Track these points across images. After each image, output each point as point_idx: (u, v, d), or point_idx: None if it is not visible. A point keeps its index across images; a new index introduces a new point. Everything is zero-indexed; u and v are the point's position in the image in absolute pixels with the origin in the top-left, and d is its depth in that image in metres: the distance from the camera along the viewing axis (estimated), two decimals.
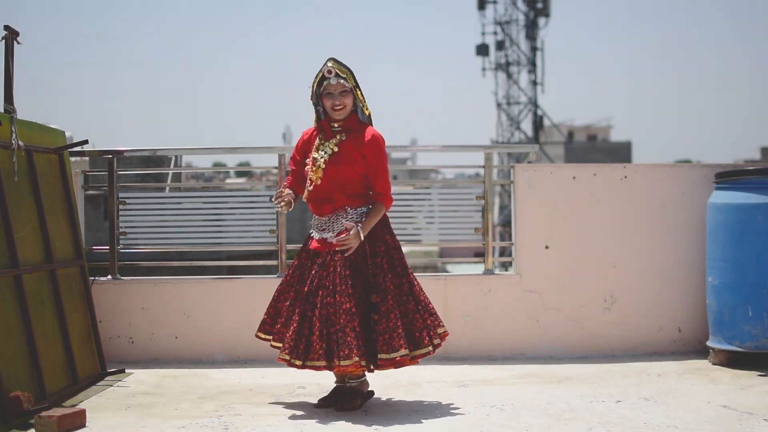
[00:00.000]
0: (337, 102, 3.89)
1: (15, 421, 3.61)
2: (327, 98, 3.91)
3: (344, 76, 3.89)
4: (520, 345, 5.27)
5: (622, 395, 4.17)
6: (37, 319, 4.11)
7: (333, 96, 3.89)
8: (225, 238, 5.56)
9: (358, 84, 3.96)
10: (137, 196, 5.63)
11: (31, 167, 4.36)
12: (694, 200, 5.31)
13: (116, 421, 3.76)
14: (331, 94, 3.90)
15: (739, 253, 4.78)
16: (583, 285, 5.32)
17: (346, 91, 3.90)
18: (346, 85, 3.90)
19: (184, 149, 6.52)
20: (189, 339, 5.24)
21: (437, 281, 5.27)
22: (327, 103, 3.92)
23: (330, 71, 3.89)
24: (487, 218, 5.44)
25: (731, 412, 3.83)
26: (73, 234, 4.75)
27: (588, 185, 5.36)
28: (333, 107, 3.91)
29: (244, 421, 3.75)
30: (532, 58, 31.98)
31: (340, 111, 3.91)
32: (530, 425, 3.63)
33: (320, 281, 3.82)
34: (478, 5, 32.36)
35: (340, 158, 3.89)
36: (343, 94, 3.90)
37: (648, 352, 5.29)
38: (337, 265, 3.81)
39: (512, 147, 12.82)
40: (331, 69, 3.89)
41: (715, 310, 4.91)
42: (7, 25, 4.31)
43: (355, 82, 3.94)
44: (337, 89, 3.89)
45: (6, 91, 4.30)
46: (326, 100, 3.92)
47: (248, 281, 5.33)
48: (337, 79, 3.88)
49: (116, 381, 4.60)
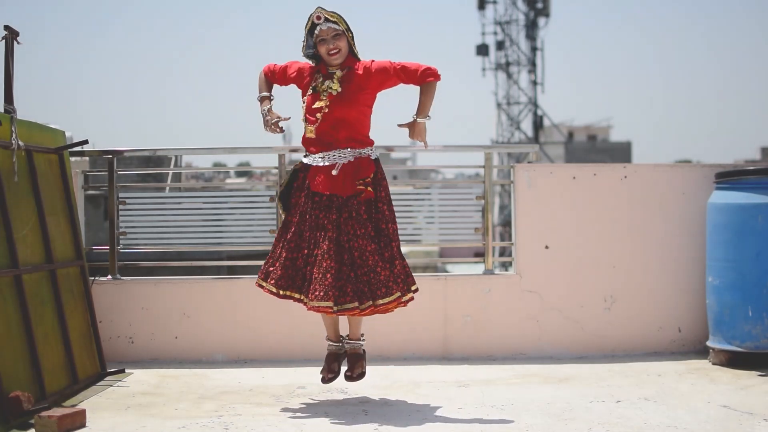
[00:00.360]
0: (332, 46, 3.85)
1: (15, 421, 3.61)
2: (321, 45, 3.86)
3: (334, 20, 3.86)
4: (520, 345, 5.27)
5: (622, 395, 4.17)
6: (37, 319, 4.11)
7: (326, 41, 3.86)
8: (225, 238, 5.56)
9: (349, 27, 3.92)
10: (137, 196, 5.63)
11: (31, 167, 4.36)
12: (694, 200, 5.30)
13: (116, 421, 3.76)
14: (324, 39, 3.86)
15: (739, 253, 4.78)
16: (583, 285, 5.32)
17: (338, 34, 3.86)
18: (337, 29, 3.86)
19: (184, 149, 6.52)
20: (189, 339, 5.24)
21: (437, 281, 5.27)
22: (322, 50, 3.86)
23: (319, 17, 3.85)
24: (487, 218, 5.44)
25: (731, 412, 3.83)
26: (73, 234, 4.75)
27: (588, 185, 5.36)
28: (328, 52, 3.86)
29: (244, 421, 3.75)
30: (532, 58, 31.96)
31: (335, 55, 3.87)
32: (530, 425, 3.63)
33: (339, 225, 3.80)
34: (478, 5, 32.33)
35: (344, 98, 3.86)
36: (336, 37, 3.86)
37: (648, 352, 5.29)
38: (352, 210, 3.81)
39: (512, 147, 12.82)
40: (320, 15, 3.85)
41: (715, 310, 4.91)
42: (7, 25, 4.31)
43: (346, 25, 3.90)
44: (330, 33, 3.85)
45: (6, 91, 4.30)
46: (321, 47, 3.86)
47: (248, 281, 5.32)
48: (327, 23, 3.85)
49: (116, 381, 4.60)
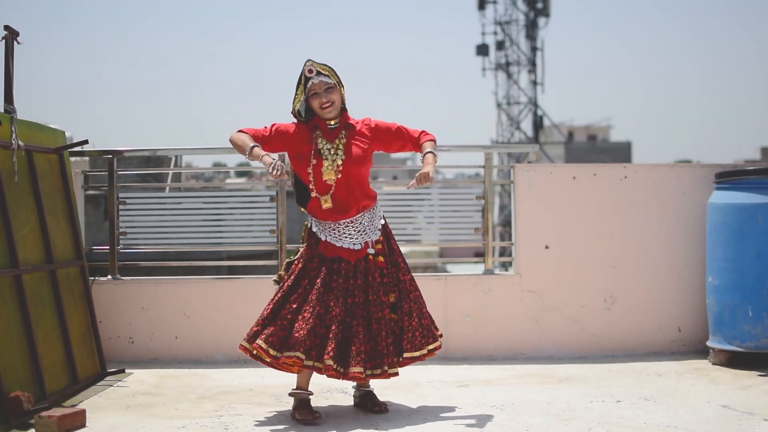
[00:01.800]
0: (324, 99, 3.79)
1: (15, 421, 3.61)
2: (314, 98, 3.80)
3: (326, 73, 3.81)
4: (520, 345, 5.27)
5: (622, 395, 4.17)
6: (37, 319, 4.11)
7: (319, 95, 3.80)
8: (225, 238, 5.56)
9: (341, 80, 3.88)
10: (137, 196, 5.63)
11: (31, 167, 4.36)
12: (694, 200, 5.30)
13: (116, 421, 3.76)
14: (317, 93, 3.80)
15: (739, 253, 4.78)
16: (583, 285, 5.32)
17: (331, 87, 3.81)
18: (329, 82, 3.80)
19: (184, 149, 6.51)
20: (189, 339, 5.24)
21: (437, 281, 5.27)
22: (315, 103, 3.80)
23: (311, 70, 3.79)
24: (487, 218, 5.44)
25: (731, 412, 3.83)
26: (73, 234, 4.75)
27: (588, 185, 5.36)
28: (321, 106, 3.80)
29: (244, 421, 3.75)
30: (532, 58, 31.95)
31: (329, 108, 3.81)
32: (530, 425, 3.63)
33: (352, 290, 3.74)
34: (478, 5, 32.33)
35: (353, 158, 3.82)
36: (328, 90, 3.80)
37: (648, 352, 5.29)
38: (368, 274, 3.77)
39: (512, 147, 12.82)
40: (312, 68, 3.80)
41: (715, 310, 4.91)
42: (7, 25, 4.31)
43: (338, 78, 3.85)
44: (322, 87, 3.79)
45: (6, 91, 4.30)
46: (313, 101, 3.80)
47: (248, 281, 5.33)
48: (319, 77, 3.79)
49: (116, 381, 4.61)
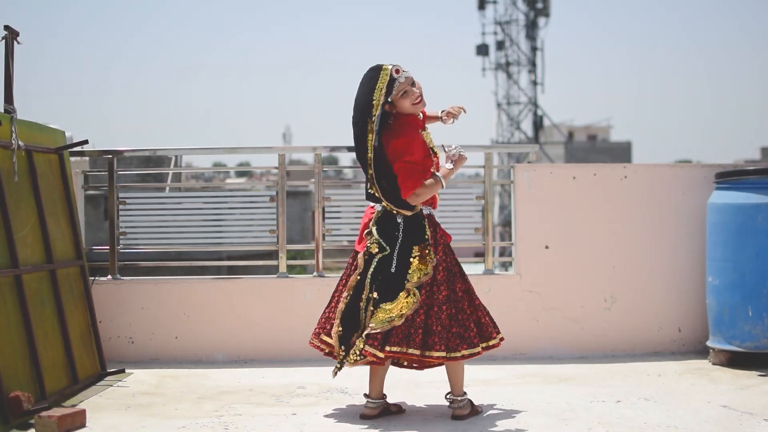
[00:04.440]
0: (416, 95, 3.72)
1: (15, 421, 3.61)
2: (404, 98, 3.70)
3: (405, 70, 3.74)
4: (520, 345, 5.27)
5: (622, 395, 4.17)
6: (37, 319, 4.11)
7: (408, 93, 3.71)
8: (225, 238, 5.56)
9: None
10: (137, 196, 5.63)
11: (31, 167, 4.36)
12: (694, 200, 5.30)
13: (116, 421, 3.76)
14: (406, 91, 3.71)
15: (739, 253, 4.78)
16: (583, 285, 5.32)
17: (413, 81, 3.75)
18: (410, 76, 3.74)
19: (184, 149, 6.51)
20: (189, 339, 5.24)
21: None
22: (406, 103, 3.71)
23: (397, 70, 3.69)
24: (487, 218, 5.44)
25: (731, 412, 3.83)
26: (73, 234, 4.75)
27: (588, 185, 5.36)
28: (414, 102, 3.72)
29: (244, 421, 3.75)
30: (532, 58, 31.97)
31: (420, 102, 3.75)
32: (530, 425, 3.64)
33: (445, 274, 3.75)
34: (478, 5, 32.36)
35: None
36: (413, 85, 3.74)
37: (648, 352, 5.29)
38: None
39: (512, 147, 12.83)
40: (398, 68, 3.70)
41: (715, 310, 4.91)
42: (7, 25, 4.31)
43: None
44: (408, 83, 3.72)
45: (6, 91, 4.30)
46: (404, 101, 3.71)
47: (248, 281, 5.33)
48: (404, 74, 3.71)
49: (116, 381, 4.61)
